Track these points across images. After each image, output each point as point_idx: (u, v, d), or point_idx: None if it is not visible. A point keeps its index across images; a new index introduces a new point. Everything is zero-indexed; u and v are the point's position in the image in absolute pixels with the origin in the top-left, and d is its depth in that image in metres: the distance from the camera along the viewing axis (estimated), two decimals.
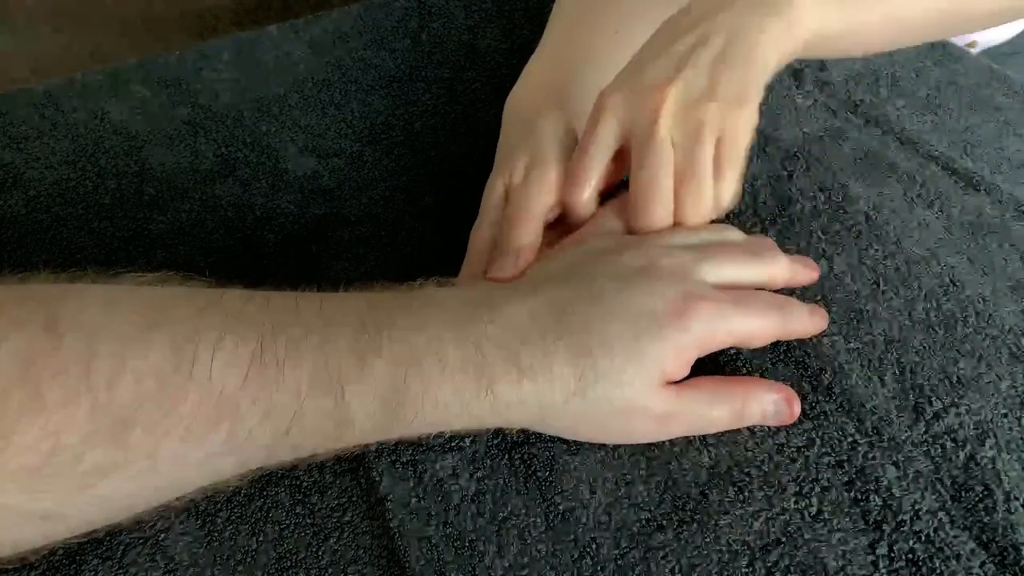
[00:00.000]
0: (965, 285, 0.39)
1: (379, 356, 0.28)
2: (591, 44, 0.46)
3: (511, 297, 0.31)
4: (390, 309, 0.30)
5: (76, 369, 0.24)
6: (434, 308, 0.30)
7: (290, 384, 0.27)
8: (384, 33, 0.58)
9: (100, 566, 0.29)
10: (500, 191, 0.38)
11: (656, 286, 0.31)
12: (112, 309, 0.26)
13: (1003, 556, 0.29)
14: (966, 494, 0.31)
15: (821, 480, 0.31)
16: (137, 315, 0.26)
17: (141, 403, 0.24)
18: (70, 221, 0.44)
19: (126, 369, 0.24)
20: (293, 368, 0.27)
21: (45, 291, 0.26)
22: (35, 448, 0.23)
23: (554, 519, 0.31)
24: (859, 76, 0.52)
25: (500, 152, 0.42)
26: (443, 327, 0.29)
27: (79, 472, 0.24)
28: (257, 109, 0.51)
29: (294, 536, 0.30)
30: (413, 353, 0.28)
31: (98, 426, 0.24)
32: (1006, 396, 0.34)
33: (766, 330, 0.33)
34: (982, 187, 0.44)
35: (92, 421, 0.24)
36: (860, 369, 0.35)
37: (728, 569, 0.29)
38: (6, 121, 0.50)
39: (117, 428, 0.24)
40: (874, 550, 0.29)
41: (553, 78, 0.44)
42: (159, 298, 0.27)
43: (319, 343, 0.27)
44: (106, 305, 0.26)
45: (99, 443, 0.24)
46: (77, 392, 0.23)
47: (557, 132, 0.39)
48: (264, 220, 0.44)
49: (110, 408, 0.24)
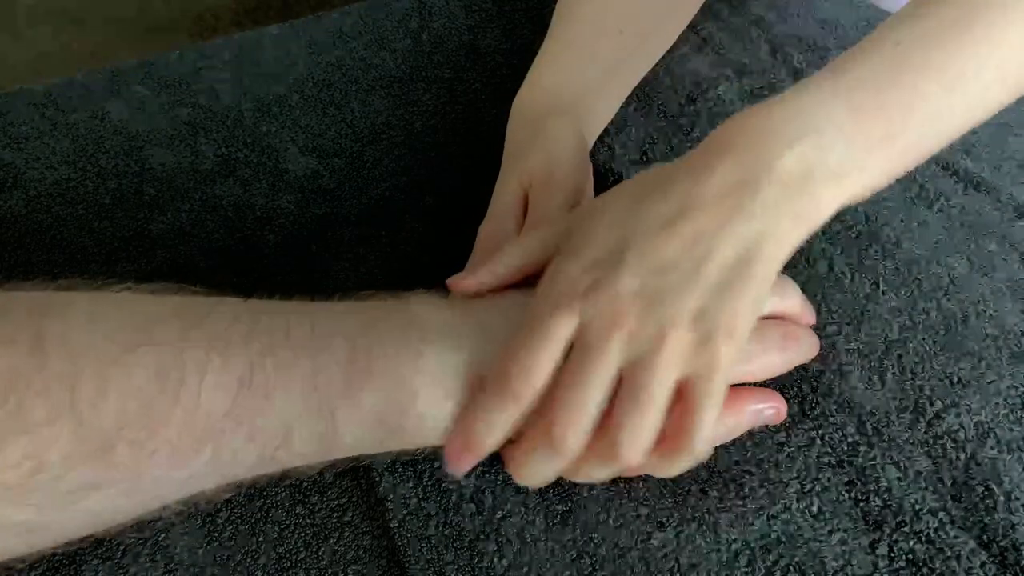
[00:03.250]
0: (965, 285, 0.39)
1: (371, 382, 0.28)
2: (595, 46, 0.46)
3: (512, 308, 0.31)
4: (381, 332, 0.29)
5: (60, 389, 0.23)
6: (429, 327, 0.30)
7: (279, 409, 0.26)
8: (384, 33, 0.58)
9: (100, 566, 0.29)
10: (516, 191, 0.38)
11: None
12: (97, 327, 0.25)
13: (1003, 556, 0.29)
14: (967, 494, 0.31)
15: (821, 479, 0.31)
16: (123, 334, 0.25)
17: (125, 424, 0.24)
18: (70, 221, 0.44)
19: (110, 390, 0.24)
20: (282, 393, 0.26)
21: (30, 305, 0.25)
22: (18, 466, 0.23)
23: (553, 518, 0.31)
24: None
25: (510, 153, 0.41)
26: (437, 349, 0.29)
27: (62, 490, 0.24)
28: (257, 109, 0.51)
29: (294, 536, 0.30)
30: (407, 379, 0.28)
31: (81, 446, 0.24)
32: (1006, 396, 0.34)
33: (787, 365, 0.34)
34: (982, 187, 0.44)
35: (75, 441, 0.23)
36: (860, 369, 0.35)
37: (727, 568, 0.29)
38: (6, 121, 0.50)
39: (100, 448, 0.24)
40: (874, 550, 0.29)
41: (559, 80, 0.44)
42: (145, 314, 0.27)
43: (310, 369, 0.27)
44: (91, 323, 0.25)
45: (82, 463, 0.24)
46: (60, 412, 0.23)
47: (567, 136, 0.39)
48: (264, 220, 0.44)
49: (94, 428, 0.24)
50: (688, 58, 0.54)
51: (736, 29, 0.58)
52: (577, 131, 0.40)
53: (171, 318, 0.27)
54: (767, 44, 0.56)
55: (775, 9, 0.59)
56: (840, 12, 0.60)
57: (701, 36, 0.57)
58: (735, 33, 0.57)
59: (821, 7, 0.60)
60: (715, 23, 0.58)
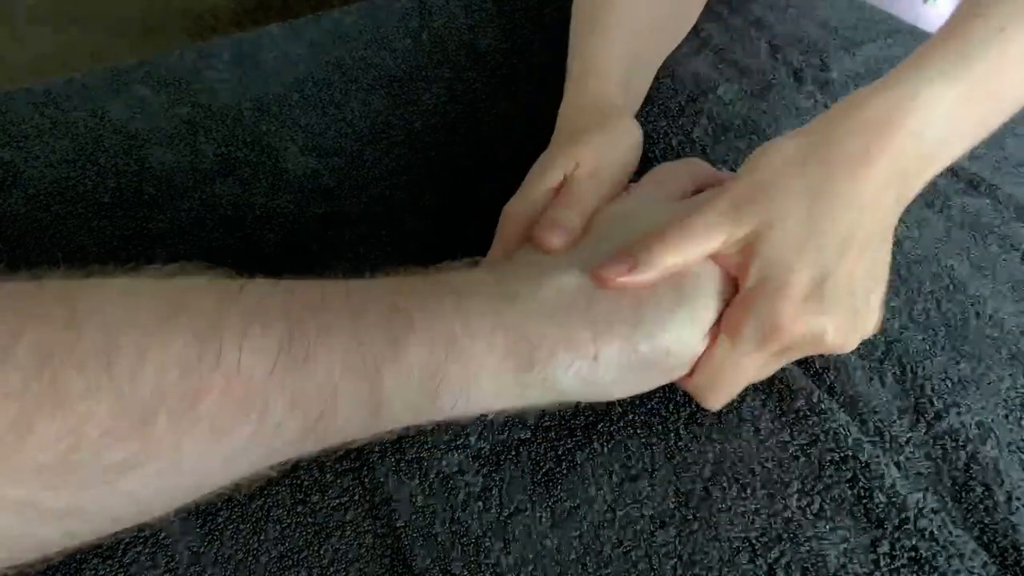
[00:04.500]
0: (965, 285, 0.39)
1: (415, 337, 0.27)
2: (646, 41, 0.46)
3: (547, 272, 0.31)
4: (420, 292, 0.29)
5: (96, 361, 0.23)
6: (468, 287, 0.30)
7: (322, 371, 0.26)
8: (384, 33, 0.58)
9: (100, 565, 0.29)
10: (558, 175, 0.37)
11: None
12: (133, 301, 0.25)
13: (1004, 556, 0.29)
14: (967, 494, 0.31)
15: (824, 478, 0.31)
16: (159, 305, 0.25)
17: (164, 395, 0.23)
18: (70, 220, 0.44)
19: (148, 360, 0.23)
20: (325, 354, 0.26)
21: (62, 285, 0.25)
22: (55, 443, 0.22)
23: (560, 516, 0.31)
24: (860, 76, 0.52)
25: (564, 135, 0.40)
26: (480, 304, 0.29)
27: (100, 467, 0.23)
28: (257, 108, 0.51)
29: (295, 535, 0.30)
30: (450, 333, 0.28)
31: (120, 420, 0.23)
32: (1006, 396, 0.34)
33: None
34: (982, 187, 0.44)
35: (114, 415, 0.23)
36: (861, 369, 0.35)
37: (729, 565, 0.29)
38: (6, 120, 0.50)
39: (140, 422, 0.23)
40: (876, 548, 0.29)
41: (628, 78, 0.44)
42: (180, 288, 0.26)
43: (351, 328, 0.27)
44: (126, 297, 0.25)
45: (121, 437, 0.23)
46: (98, 385, 0.23)
47: (631, 138, 0.39)
48: (264, 219, 0.44)
49: (132, 401, 0.23)
50: (688, 58, 0.54)
51: (736, 29, 0.58)
52: (639, 138, 0.40)
53: (206, 289, 0.26)
54: (767, 44, 0.56)
55: (775, 9, 0.60)
56: (840, 12, 0.60)
57: (701, 36, 0.57)
58: (735, 33, 0.57)
59: (821, 7, 0.60)
60: (715, 23, 0.58)
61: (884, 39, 0.56)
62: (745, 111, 0.50)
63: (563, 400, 0.31)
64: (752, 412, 0.34)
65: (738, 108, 0.50)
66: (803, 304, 0.30)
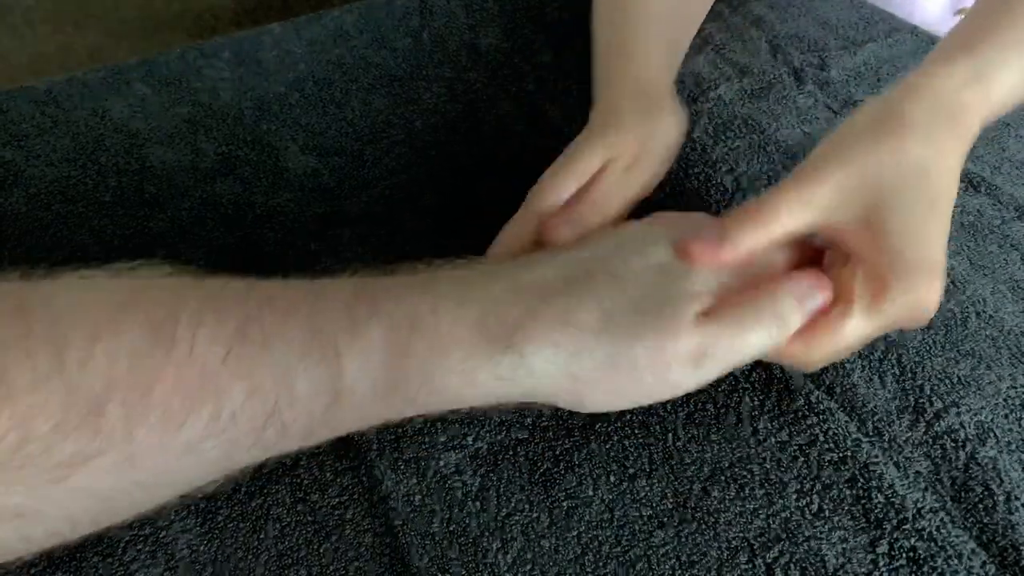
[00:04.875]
0: (965, 285, 0.39)
1: (376, 320, 0.26)
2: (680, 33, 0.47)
3: (523, 262, 0.30)
4: (388, 283, 0.28)
5: (46, 353, 0.22)
6: (441, 273, 0.29)
7: (278, 357, 0.25)
8: (385, 32, 0.58)
9: (100, 563, 0.29)
10: (597, 161, 0.36)
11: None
12: (84, 293, 0.24)
13: (1003, 556, 0.29)
14: (966, 494, 0.31)
15: (822, 478, 0.31)
16: (112, 297, 0.24)
17: (116, 384, 0.23)
18: (71, 219, 0.44)
19: (98, 350, 0.23)
20: (281, 341, 0.25)
21: (16, 282, 0.24)
22: (3, 437, 0.21)
23: (557, 516, 0.31)
24: (860, 75, 0.52)
25: (609, 120, 0.38)
26: (447, 285, 0.28)
27: (52, 463, 0.22)
28: (257, 108, 0.51)
29: (295, 534, 0.30)
30: (414, 312, 0.27)
31: (71, 412, 0.22)
32: (1006, 396, 0.34)
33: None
34: (982, 187, 0.44)
35: (64, 407, 0.22)
36: (861, 369, 0.35)
37: (728, 565, 0.29)
38: (7, 119, 0.50)
39: (91, 412, 0.23)
40: (874, 548, 0.29)
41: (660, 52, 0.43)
42: (136, 281, 0.26)
43: (309, 314, 0.26)
44: (79, 290, 0.25)
45: (72, 430, 0.22)
46: (47, 376, 0.22)
47: (674, 135, 0.39)
48: (264, 218, 0.44)
49: (83, 391, 0.22)
50: (688, 57, 0.54)
51: (736, 29, 0.58)
52: (684, 123, 0.40)
53: (163, 283, 0.26)
54: (767, 44, 0.56)
55: (775, 9, 0.60)
56: (840, 12, 0.60)
57: (702, 35, 0.57)
58: (735, 33, 0.57)
59: (821, 7, 0.60)
60: (715, 23, 0.58)
61: (884, 39, 0.56)
62: (745, 110, 0.50)
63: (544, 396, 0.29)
64: (751, 412, 0.34)
65: (738, 107, 0.50)
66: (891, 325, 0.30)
